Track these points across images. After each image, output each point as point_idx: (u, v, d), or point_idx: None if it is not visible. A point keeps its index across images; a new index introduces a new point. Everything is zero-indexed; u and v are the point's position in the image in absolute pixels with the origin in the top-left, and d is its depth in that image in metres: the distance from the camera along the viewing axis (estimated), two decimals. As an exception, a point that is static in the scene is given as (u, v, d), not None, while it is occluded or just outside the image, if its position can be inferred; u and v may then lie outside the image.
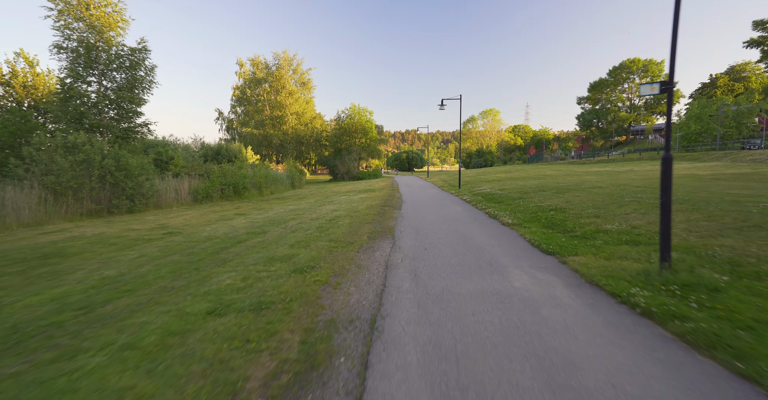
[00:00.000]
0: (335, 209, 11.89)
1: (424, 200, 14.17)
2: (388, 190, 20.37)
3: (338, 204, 13.73)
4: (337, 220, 9.34)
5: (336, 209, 12.11)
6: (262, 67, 39.58)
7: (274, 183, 22.53)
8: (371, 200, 14.84)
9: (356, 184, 29.01)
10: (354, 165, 38.67)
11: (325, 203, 14.70)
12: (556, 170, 27.18)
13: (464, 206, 11.38)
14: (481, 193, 14.32)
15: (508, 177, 22.90)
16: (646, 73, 57.74)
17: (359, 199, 15.52)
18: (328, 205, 13.73)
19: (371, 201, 14.13)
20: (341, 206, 13.02)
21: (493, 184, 17.96)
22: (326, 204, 14.07)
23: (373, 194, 17.61)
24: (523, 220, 7.82)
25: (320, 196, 18.96)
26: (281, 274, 4.61)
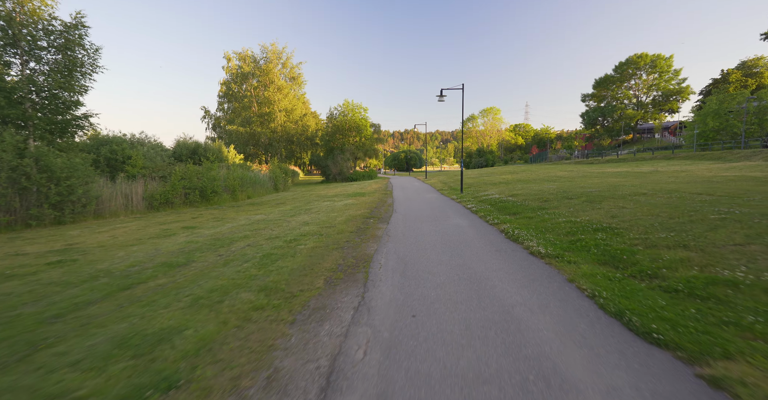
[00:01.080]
0: (307, 222, 9.38)
1: (419, 208, 11.67)
2: (380, 194, 17.86)
3: (315, 213, 11.24)
4: (299, 241, 6.84)
5: (308, 221, 9.61)
6: (250, 61, 37.01)
7: (253, 186, 20.02)
8: (357, 207, 12.35)
9: (347, 186, 26.51)
10: (347, 165, 36.14)
11: (301, 211, 12.20)
12: (567, 171, 24.71)
13: (470, 219, 8.88)
14: (488, 200, 11.83)
15: (515, 179, 20.41)
16: (654, 69, 55.33)
17: (343, 206, 13.02)
18: (302, 214, 11.23)
19: (356, 209, 11.64)
20: (317, 216, 10.52)
21: (500, 188, 15.46)
22: (301, 213, 11.57)
23: (361, 200, 15.11)
24: (561, 247, 5.32)
25: (301, 201, 16.45)
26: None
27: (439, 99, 15.71)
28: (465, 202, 12.43)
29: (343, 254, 5.76)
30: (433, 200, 13.86)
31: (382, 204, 13.24)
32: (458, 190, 17.02)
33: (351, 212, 11.09)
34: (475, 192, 15.39)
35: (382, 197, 15.94)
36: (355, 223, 8.84)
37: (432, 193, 17.16)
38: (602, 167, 26.79)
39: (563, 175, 20.70)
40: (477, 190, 16.25)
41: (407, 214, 10.26)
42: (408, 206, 12.37)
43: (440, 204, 12.48)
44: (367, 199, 15.54)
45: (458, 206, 11.81)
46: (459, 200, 13.41)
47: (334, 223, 8.93)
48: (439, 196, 15.45)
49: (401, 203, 13.18)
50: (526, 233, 6.39)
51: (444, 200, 13.73)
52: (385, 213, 10.61)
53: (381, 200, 14.96)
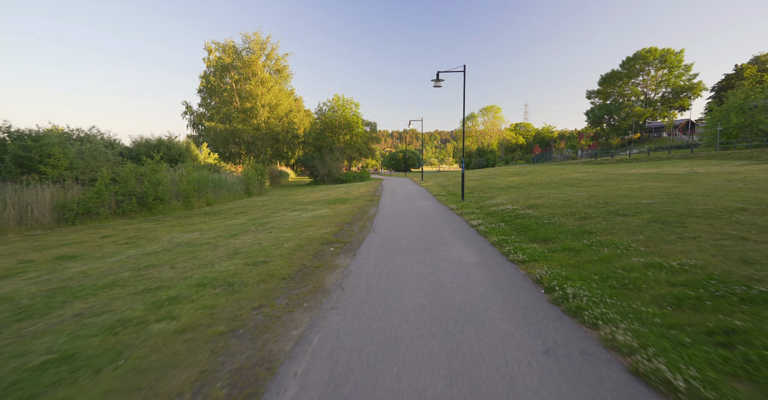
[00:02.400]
0: (238, 250, 6.37)
1: (407, 225, 8.66)
2: (365, 201, 14.85)
3: (265, 232, 8.24)
4: (172, 306, 3.84)
5: (244, 247, 6.60)
6: (231, 51, 33.91)
7: (216, 190, 16.98)
8: (326, 221, 9.36)
9: (333, 189, 23.49)
10: (337, 165, 33.06)
11: (252, 227, 9.19)
12: (581, 172, 21.72)
13: (478, 248, 5.89)
14: (499, 213, 8.85)
15: (526, 182, 17.41)
16: (664, 64, 52.48)
17: (310, 219, 10.03)
18: (248, 233, 8.23)
19: (322, 226, 8.65)
20: (264, 238, 7.52)
21: (511, 194, 12.48)
22: (248, 231, 8.56)
23: (338, 209, 12.12)
24: (690, 355, 2.34)
25: (266, 210, 13.42)
26: None
27: (434, 84, 12.71)
28: (468, 215, 9.44)
29: (217, 362, 2.76)
30: (427, 212, 10.85)
31: (361, 216, 10.25)
32: (459, 197, 14.02)
33: (313, 230, 8.08)
34: (479, 199, 12.40)
35: (365, 206, 12.93)
36: (304, 255, 5.84)
37: (426, 200, 14.15)
38: (620, 168, 23.81)
39: (581, 177, 17.72)
40: (481, 196, 13.26)
41: (387, 236, 7.25)
42: (393, 221, 9.37)
43: (435, 219, 9.47)
44: (346, 207, 12.54)
45: (459, 221, 8.81)
46: (460, 210, 10.41)
47: (276, 254, 5.92)
48: (435, 205, 12.46)
49: (385, 216, 10.17)
50: (591, 297, 3.40)
51: (441, 212, 10.73)
52: (358, 233, 7.61)
53: (362, 209, 11.96)
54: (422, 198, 15.22)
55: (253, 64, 33.21)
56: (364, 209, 11.95)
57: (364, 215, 10.70)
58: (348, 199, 16.03)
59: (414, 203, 13.25)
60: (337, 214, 10.89)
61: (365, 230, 7.97)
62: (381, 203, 13.59)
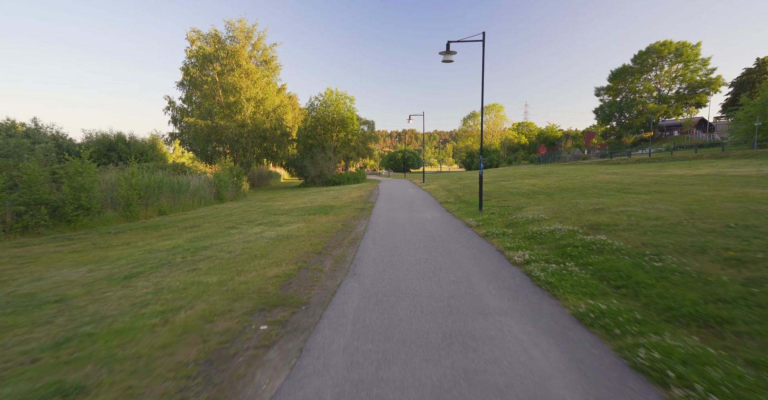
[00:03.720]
0: (64, 339, 3.27)
1: (409, 258, 5.60)
2: (353, 210, 11.75)
3: (184, 272, 5.19)
4: None
5: (84, 321, 3.51)
6: (214, 41, 30.80)
7: (175, 195, 13.87)
8: (286, 249, 6.30)
9: (321, 193, 20.37)
10: (329, 166, 29.91)
11: (178, 257, 6.10)
12: (610, 173, 18.62)
13: (561, 336, 2.79)
14: (549, 237, 5.78)
15: (550, 185, 14.31)
16: (679, 58, 49.46)
17: (270, 242, 6.95)
18: (153, 274, 5.17)
19: (275, 260, 5.58)
20: (166, 286, 4.47)
21: (546, 204, 9.37)
22: (163, 266, 5.49)
23: (315, 224, 9.04)
24: None
25: (227, 223, 10.30)
26: None
27: (444, 58, 9.64)
28: (498, 238, 6.37)
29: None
30: (436, 231, 7.76)
31: (342, 239, 7.17)
32: (473, 205, 10.93)
33: (258, 271, 5.00)
34: (504, 210, 9.32)
35: (353, 219, 9.84)
36: (189, 353, 2.74)
37: (432, 210, 11.06)
38: (652, 169, 20.72)
39: (616, 179, 14.62)
40: (504, 205, 10.18)
41: (375, 287, 4.16)
42: (387, 249, 6.27)
43: (451, 245, 6.37)
44: (327, 221, 9.46)
45: (489, 251, 5.71)
46: (483, 229, 7.32)
47: (120, 356, 2.83)
48: (445, 219, 9.37)
49: (377, 239, 7.08)
50: None
51: (455, 231, 7.63)
52: (327, 278, 4.56)
53: (347, 224, 8.87)
54: (426, 207, 12.12)
55: (237, 55, 30.10)
56: (349, 225, 8.85)
57: (348, 235, 7.60)
58: (335, 207, 12.93)
59: (416, 215, 10.14)
60: (311, 233, 7.79)
61: (341, 271, 4.89)
62: (374, 215, 10.49)
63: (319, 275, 4.72)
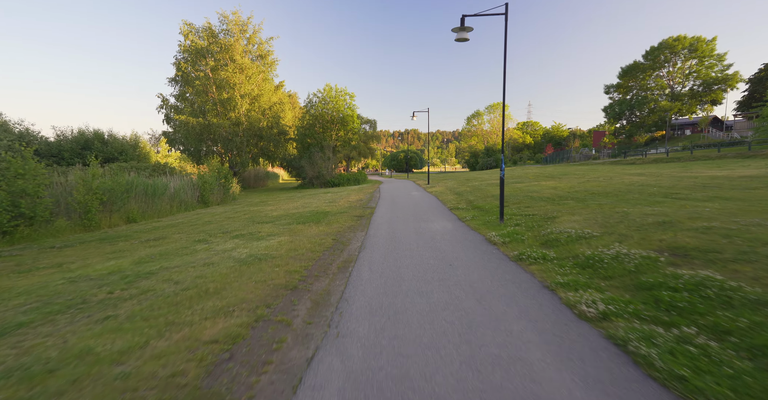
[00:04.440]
0: None
1: (422, 307, 3.90)
2: (350, 218, 10.08)
3: (111, 306, 3.49)
4: None
5: None
6: (207, 35, 29.21)
7: (150, 200, 12.24)
8: (256, 278, 4.67)
9: (317, 196, 18.71)
10: (327, 166, 28.23)
11: (113, 284, 4.43)
12: (636, 174, 16.84)
13: None
14: (626, 271, 4.08)
15: (576, 188, 12.58)
16: (694, 54, 47.48)
17: (237, 265, 5.29)
18: (55, 321, 3.47)
19: (234, 300, 3.93)
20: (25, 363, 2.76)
21: (584, 214, 7.65)
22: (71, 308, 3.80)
23: (301, 238, 7.41)
24: None
25: (199, 235, 8.66)
26: None
27: (458, 35, 7.93)
28: (538, 263, 4.70)
29: None
30: (452, 251, 6.09)
31: (332, 260, 5.53)
32: (489, 213, 9.25)
33: (182, 335, 3.32)
34: (530, 221, 7.64)
35: (347, 230, 8.18)
36: None
37: (443, 219, 9.39)
38: (678, 169, 18.93)
39: (648, 181, 12.88)
40: (528, 213, 8.49)
41: (366, 375, 2.46)
42: (388, 278, 4.61)
43: (475, 273, 4.71)
44: (317, 233, 7.81)
45: (531, 284, 4.03)
46: (512, 249, 5.63)
47: None
48: (459, 231, 7.69)
49: (375, 261, 5.43)
50: None
51: (476, 250, 5.95)
52: (299, 334, 2.85)
53: (340, 239, 7.22)
54: (435, 214, 10.44)
55: (231, 49, 28.50)
56: (342, 239, 7.18)
57: (338, 255, 5.94)
58: (329, 213, 11.27)
59: (424, 226, 8.46)
60: (293, 252, 6.14)
61: (318, 326, 3.23)
62: (373, 225, 8.83)
63: (282, 337, 3.04)
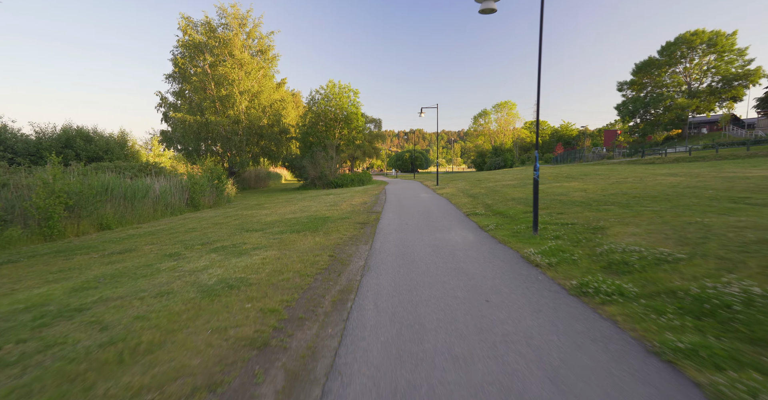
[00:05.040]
0: None
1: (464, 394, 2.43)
2: (351, 226, 8.71)
3: None
4: None
5: None
6: (206, 30, 28.03)
7: (130, 203, 10.98)
8: (220, 317, 3.30)
9: (318, 198, 17.37)
10: (330, 166, 26.88)
11: (11, 331, 3.07)
12: (667, 175, 15.27)
13: None
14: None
15: (607, 191, 11.09)
16: (713, 49, 45.51)
17: (205, 293, 3.95)
18: None
19: (187, 347, 2.50)
20: None
21: (644, 225, 6.19)
22: None
23: (291, 253, 6.11)
24: None
25: (175, 246, 7.37)
26: None
27: (483, 6, 6.51)
28: (617, 303, 3.24)
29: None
30: (483, 278, 4.71)
31: (324, 293, 4.17)
32: (516, 221, 7.83)
33: None
34: (571, 232, 6.25)
35: (348, 244, 6.82)
36: None
37: (461, 228, 7.99)
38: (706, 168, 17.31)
39: (693, 183, 11.35)
40: (564, 222, 7.08)
41: None
42: (401, 326, 3.22)
43: (527, 318, 3.30)
44: (314, 245, 6.48)
45: (624, 343, 2.59)
46: (561, 268, 4.24)
47: None
48: (485, 245, 6.30)
49: (382, 294, 4.06)
50: None
51: (517, 277, 4.55)
52: None
53: (339, 254, 5.88)
54: (450, 221, 9.04)
55: (230, 44, 27.29)
56: (341, 256, 5.82)
57: (335, 280, 4.59)
58: (329, 219, 9.93)
59: (440, 237, 7.08)
60: (278, 275, 4.80)
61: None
62: (379, 236, 7.46)
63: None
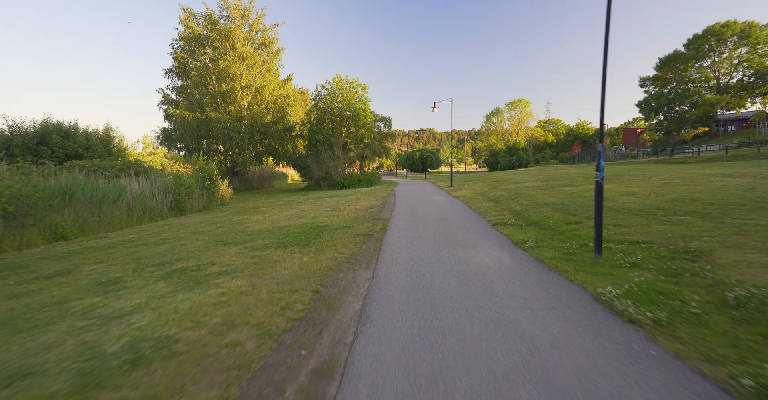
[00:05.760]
0: None
1: None
2: (353, 239, 7.00)
3: None
4: None
5: None
6: (207, 23, 26.68)
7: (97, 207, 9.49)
8: None
9: (320, 201, 15.73)
10: (337, 165, 25.22)
11: None
12: (718, 175, 13.18)
13: None
14: None
15: (662, 195, 9.16)
16: (746, 41, 42.60)
17: (80, 375, 2.22)
18: None
19: None
20: None
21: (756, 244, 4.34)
22: None
23: (271, 283, 4.43)
24: None
25: (125, 268, 5.81)
26: None
27: None
28: None
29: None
30: (556, 354, 2.92)
31: (290, 371, 2.38)
32: (561, 234, 6.03)
33: None
34: (653, 255, 4.47)
35: (342, 268, 5.13)
36: None
37: (489, 244, 6.22)
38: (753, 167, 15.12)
39: (753, 184, 9.32)
40: (633, 239, 5.29)
41: None
42: None
43: None
44: (296, 272, 4.85)
45: None
46: (695, 343, 2.41)
47: None
48: (531, 272, 4.53)
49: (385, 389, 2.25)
50: None
51: (619, 353, 2.74)
52: None
53: (329, 288, 4.19)
54: (475, 234, 7.26)
55: (231, 36, 25.88)
56: (330, 291, 4.13)
57: (315, 340, 2.88)
58: (326, 229, 8.27)
59: (466, 259, 5.33)
60: (229, 329, 3.17)
61: None
62: (385, 253, 5.76)
63: None
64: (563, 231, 6.59)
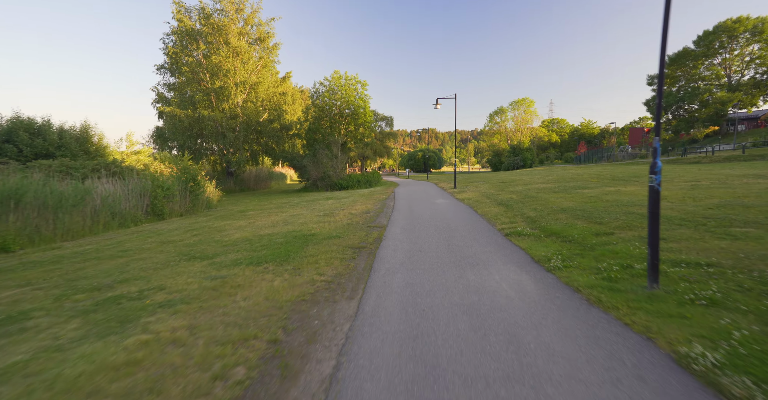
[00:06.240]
0: None
1: None
2: (341, 252, 5.83)
3: None
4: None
5: None
6: (201, 17, 25.61)
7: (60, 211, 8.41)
8: None
9: (314, 204, 14.58)
10: (335, 165, 24.07)
11: None
12: (749, 175, 11.94)
13: None
14: None
15: (699, 199, 7.95)
16: (759, 37, 41.21)
17: None
18: None
19: None
20: None
21: None
22: None
23: (214, 322, 3.22)
24: None
25: (46, 295, 4.63)
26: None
27: None
28: None
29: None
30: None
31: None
32: (592, 250, 4.83)
33: None
34: (728, 285, 3.23)
35: (323, 290, 3.95)
36: None
37: (508, 265, 5.05)
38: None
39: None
40: (690, 260, 4.06)
41: None
42: None
43: None
44: (263, 300, 3.68)
45: None
46: None
47: None
48: (567, 309, 3.34)
49: None
50: None
51: None
52: None
53: (294, 327, 2.99)
54: (486, 248, 6.09)
55: (225, 30, 24.78)
56: (296, 337, 2.95)
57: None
58: (314, 238, 7.13)
59: (477, 285, 4.15)
60: None
61: None
62: (376, 273, 4.61)
63: None
64: (593, 245, 5.42)
